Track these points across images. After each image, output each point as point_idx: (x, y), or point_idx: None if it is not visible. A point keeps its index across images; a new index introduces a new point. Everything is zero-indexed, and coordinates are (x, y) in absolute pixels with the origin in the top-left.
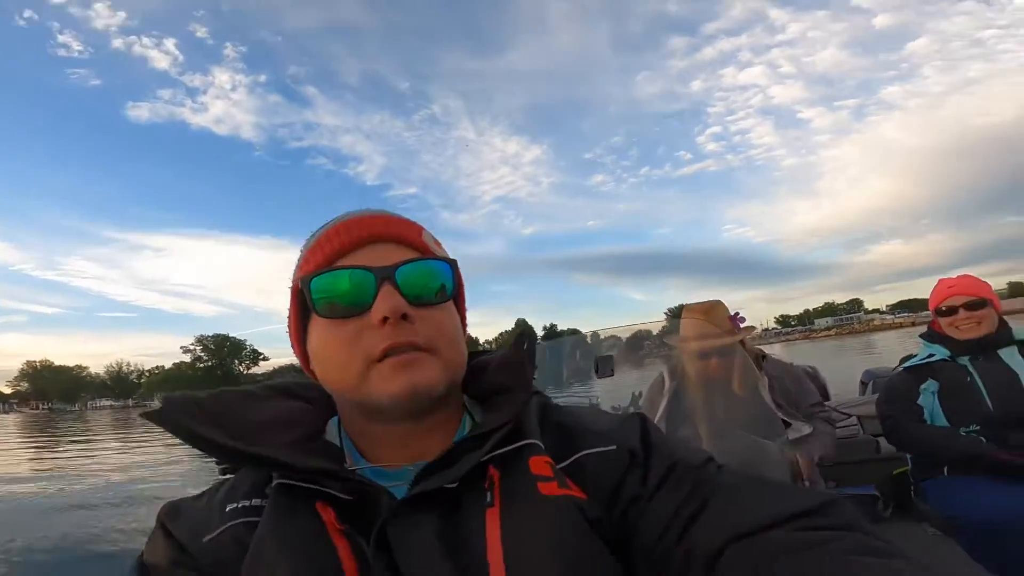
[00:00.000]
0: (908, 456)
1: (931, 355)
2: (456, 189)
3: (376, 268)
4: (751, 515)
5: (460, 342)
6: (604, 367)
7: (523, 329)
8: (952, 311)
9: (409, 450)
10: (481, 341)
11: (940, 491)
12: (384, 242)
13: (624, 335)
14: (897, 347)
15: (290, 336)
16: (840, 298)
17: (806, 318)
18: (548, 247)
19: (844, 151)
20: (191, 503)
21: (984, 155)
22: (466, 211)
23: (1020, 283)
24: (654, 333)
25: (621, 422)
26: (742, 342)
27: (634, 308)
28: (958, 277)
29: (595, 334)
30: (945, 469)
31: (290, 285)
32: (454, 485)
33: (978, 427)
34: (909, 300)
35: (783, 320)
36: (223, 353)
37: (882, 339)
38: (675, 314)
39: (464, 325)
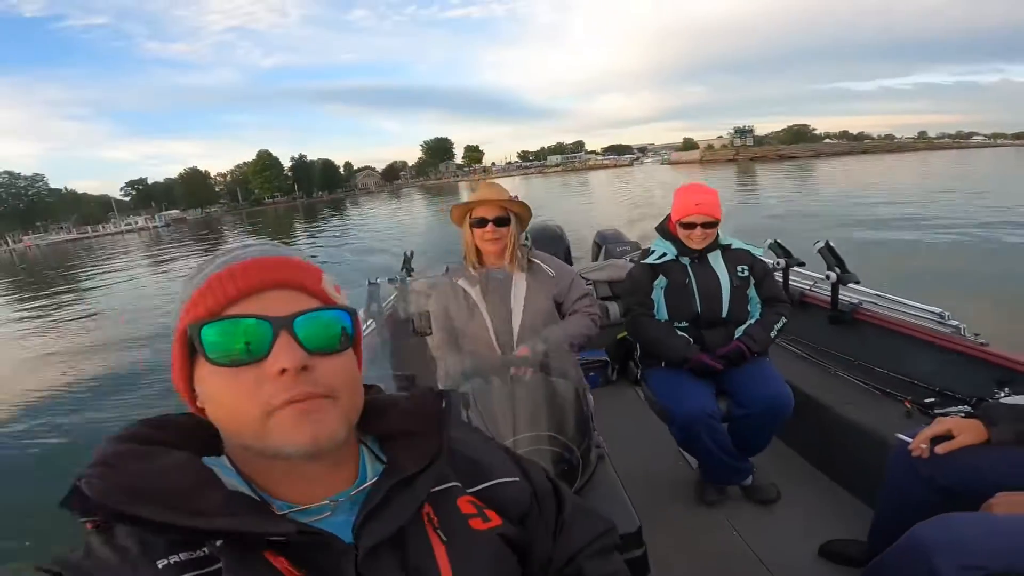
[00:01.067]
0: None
1: (664, 254)
2: (171, 19)
3: (273, 318)
4: (577, 540)
5: (359, 386)
6: (422, 324)
7: (441, 393)
8: (692, 226)
9: (316, 486)
10: (213, 174)
11: (658, 382)
12: (280, 288)
13: (380, 166)
14: (605, 185)
15: (172, 372)
16: (569, 139)
17: (542, 155)
18: (294, 79)
19: (596, 14)
20: (93, 564)
21: (692, 37)
22: (183, 41)
23: (691, 139)
24: (410, 164)
25: (517, 459)
26: (520, 221)
27: (388, 138)
28: (703, 192)
29: (348, 165)
30: (663, 363)
31: (174, 325)
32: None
33: (687, 324)
34: (617, 145)
35: (523, 155)
36: None
37: (594, 176)
38: (430, 146)
39: (360, 368)
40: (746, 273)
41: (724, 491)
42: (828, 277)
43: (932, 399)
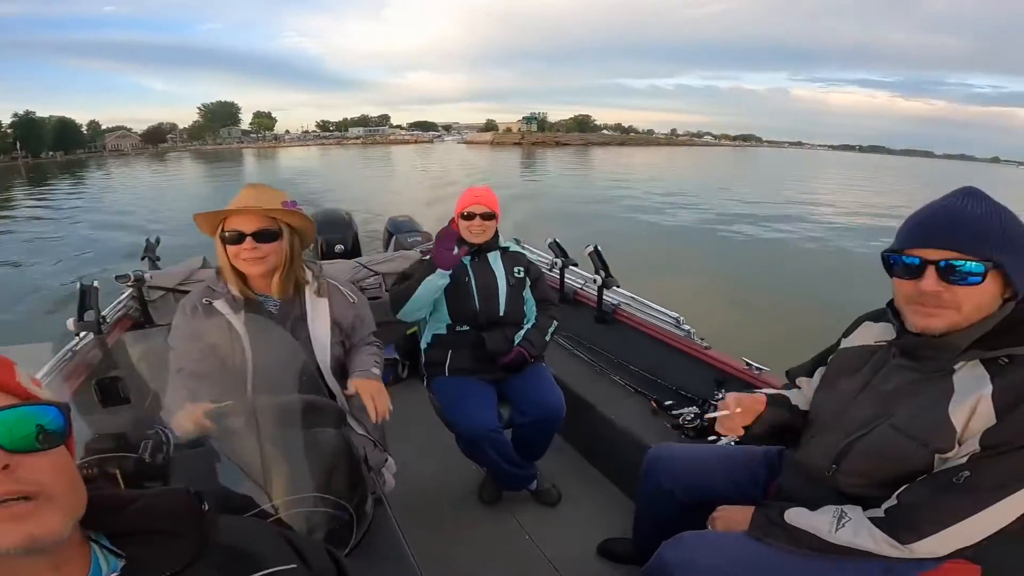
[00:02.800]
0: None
1: None
2: None
3: None
4: None
5: (77, 483)
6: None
7: (199, 495)
8: (471, 217)
9: None
10: None
11: (443, 391)
12: None
13: (140, 127)
14: (407, 160)
15: None
16: (375, 112)
17: (343, 126)
18: (34, 29)
19: None
20: None
21: (504, 23)
22: None
23: (493, 120)
24: (180, 127)
25: (290, 539)
26: (298, 234)
27: (156, 98)
28: (483, 190)
29: (94, 124)
30: (447, 368)
31: None
32: None
33: (468, 327)
34: (422, 121)
35: (323, 125)
36: None
37: (397, 151)
38: (210, 110)
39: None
40: (521, 274)
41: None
42: (595, 280)
43: (671, 399)
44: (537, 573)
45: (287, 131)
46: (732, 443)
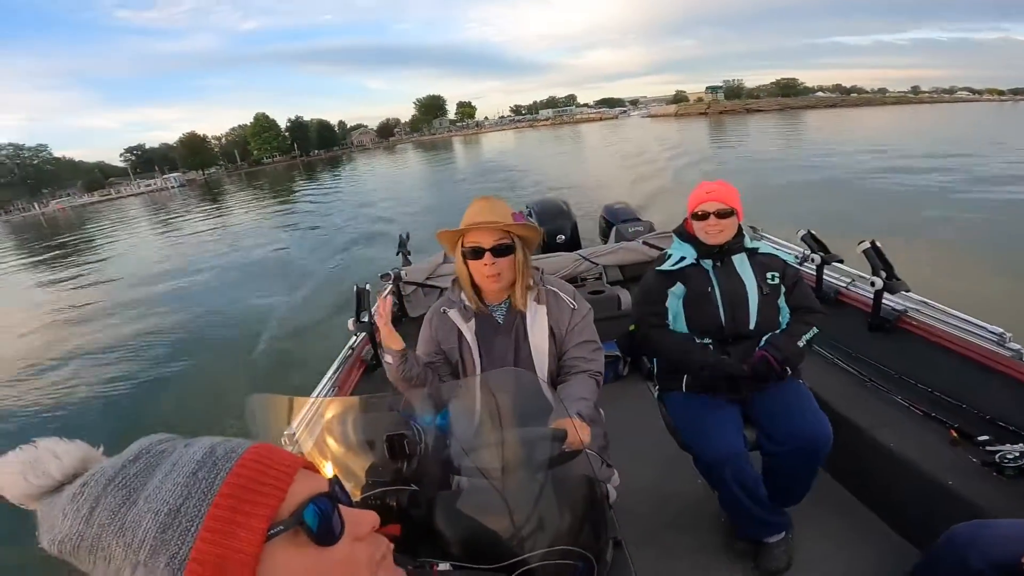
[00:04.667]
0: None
1: (683, 258)
2: None
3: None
4: None
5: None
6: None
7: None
8: (705, 216)
9: None
10: (209, 137)
11: (678, 409)
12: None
13: (372, 124)
14: (597, 137)
15: None
16: (560, 93)
17: (534, 108)
18: (274, 41)
19: None
20: None
21: None
22: (155, 9)
23: (682, 91)
24: (402, 121)
25: None
26: (526, 245)
27: (376, 97)
28: (716, 184)
29: (342, 124)
30: (683, 384)
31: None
32: None
33: (711, 340)
34: (608, 98)
35: (516, 109)
36: None
37: (584, 128)
38: (423, 103)
39: None
40: (776, 280)
41: (784, 549)
42: (873, 284)
43: (983, 431)
44: None
45: (486, 117)
46: None
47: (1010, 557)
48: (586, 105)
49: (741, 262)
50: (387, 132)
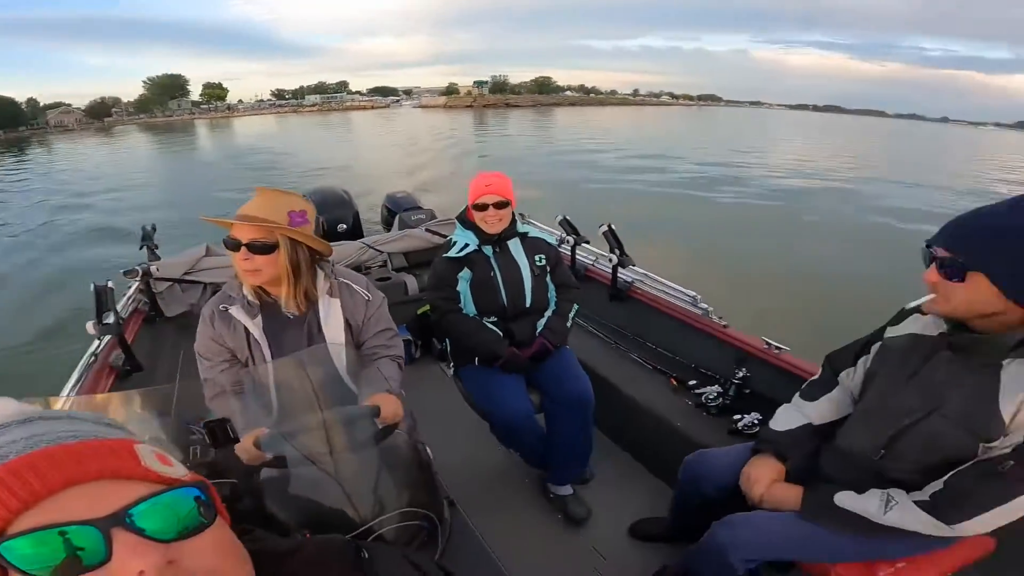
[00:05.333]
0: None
1: (467, 244)
2: None
3: (97, 520)
4: None
5: (243, 553)
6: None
7: (356, 545)
8: (485, 207)
9: None
10: None
11: (473, 381)
12: (88, 481)
13: (81, 103)
14: (368, 126)
15: None
16: (333, 79)
17: (300, 93)
18: None
19: None
20: None
21: None
22: None
23: (455, 84)
24: (124, 101)
25: (430, 568)
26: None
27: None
28: (494, 176)
29: (32, 101)
30: (476, 359)
31: None
32: None
33: (495, 318)
34: (383, 87)
35: (278, 93)
36: None
37: (357, 116)
38: (157, 83)
39: (228, 522)
40: (543, 262)
41: (582, 500)
42: (611, 260)
43: (691, 377)
44: (574, 553)
45: (240, 100)
46: (755, 422)
47: (728, 478)
48: (358, 93)
49: (516, 246)
50: (102, 112)
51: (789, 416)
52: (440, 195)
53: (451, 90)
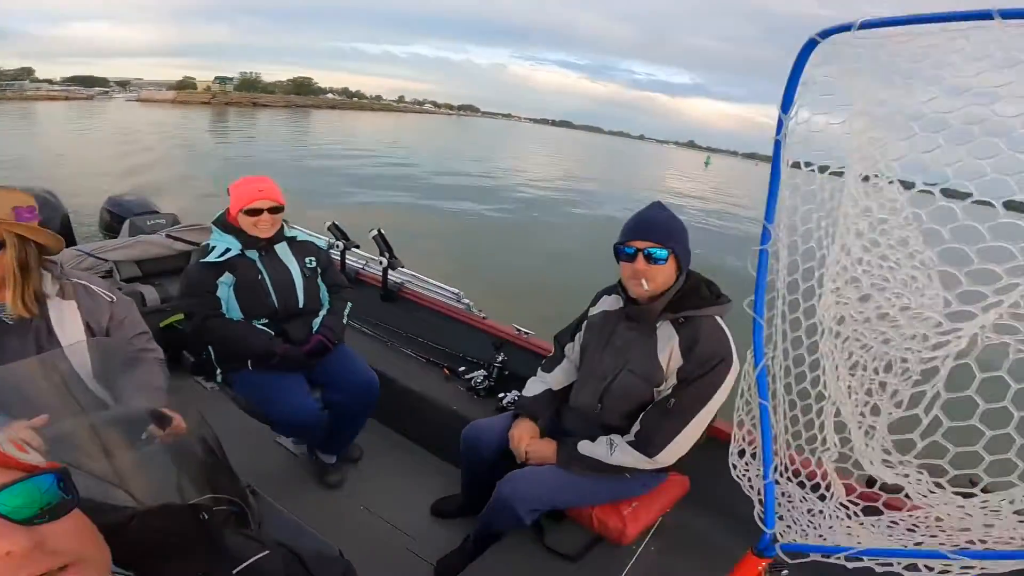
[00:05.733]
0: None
1: (228, 249)
2: None
3: None
4: None
5: (100, 540)
6: None
7: (195, 508)
8: (258, 212)
9: None
10: None
11: (247, 386)
12: None
13: None
14: (61, 122)
15: None
16: (13, 64)
17: None
18: None
19: None
20: None
21: None
22: None
23: (192, 78)
24: None
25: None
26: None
27: None
28: (262, 180)
29: None
30: (249, 363)
31: None
32: None
33: (267, 320)
34: (86, 76)
35: None
36: None
37: (42, 109)
38: None
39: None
40: (314, 264)
41: (336, 470)
42: (381, 262)
43: (460, 364)
44: (381, 537)
45: None
46: (516, 398)
47: (500, 442)
48: (47, 81)
49: (283, 250)
50: None
51: (535, 386)
52: (175, 198)
53: (186, 84)
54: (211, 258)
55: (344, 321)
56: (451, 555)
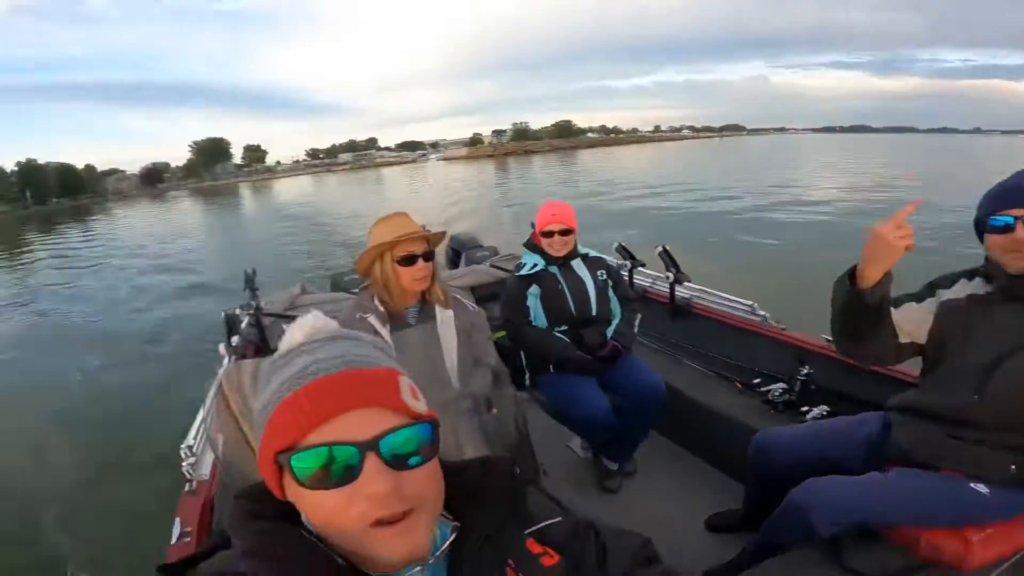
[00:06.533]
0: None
1: (535, 264)
2: None
3: (360, 443)
4: (623, 559)
5: (440, 485)
6: None
7: (512, 461)
8: (551, 234)
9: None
10: None
11: (550, 387)
12: (362, 408)
13: (132, 168)
14: (401, 181)
15: (259, 463)
16: (362, 136)
17: (333, 152)
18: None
19: (387, 9)
20: None
21: (479, 35)
22: None
23: (478, 134)
24: (173, 165)
25: (550, 496)
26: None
27: (142, 137)
28: (559, 206)
29: (90, 168)
30: (551, 367)
31: (260, 427)
32: None
33: (566, 328)
34: (410, 141)
35: (312, 153)
36: None
37: (388, 172)
38: (202, 147)
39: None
40: (604, 277)
41: (616, 476)
42: (668, 277)
43: (755, 378)
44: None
45: (278, 162)
46: (823, 414)
47: (798, 453)
48: (387, 149)
49: (579, 266)
50: (154, 178)
51: None
52: (489, 236)
53: (475, 140)
54: (523, 272)
55: (634, 330)
56: (721, 568)
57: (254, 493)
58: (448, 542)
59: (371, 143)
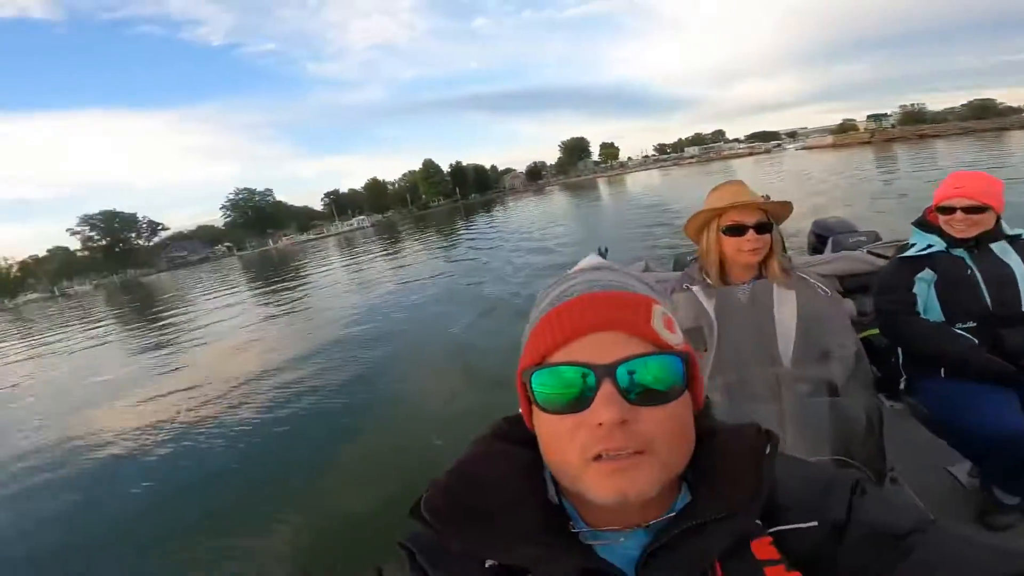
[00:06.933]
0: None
1: (929, 245)
2: (324, 41)
3: (597, 366)
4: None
5: (684, 436)
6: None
7: (768, 433)
8: (951, 211)
9: (623, 516)
10: (387, 181)
11: (936, 393)
12: (607, 331)
13: (520, 167)
14: (751, 170)
15: (520, 398)
16: (707, 128)
17: (679, 146)
18: (431, 90)
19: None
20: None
21: (827, 13)
22: (335, 61)
23: (851, 120)
24: (549, 163)
25: (826, 489)
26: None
27: (525, 140)
28: (970, 177)
29: (494, 168)
30: (942, 370)
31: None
32: None
33: (974, 324)
34: (761, 132)
35: (660, 148)
36: (115, 228)
37: (737, 163)
38: (567, 146)
39: (698, 406)
40: None
41: (1012, 512)
42: None
43: None
44: None
45: (629, 157)
46: None
47: None
48: (736, 140)
49: (1002, 249)
50: (535, 175)
51: None
52: (867, 223)
53: (845, 127)
54: (910, 253)
55: None
56: None
57: (511, 418)
58: (669, 516)
59: (718, 135)
